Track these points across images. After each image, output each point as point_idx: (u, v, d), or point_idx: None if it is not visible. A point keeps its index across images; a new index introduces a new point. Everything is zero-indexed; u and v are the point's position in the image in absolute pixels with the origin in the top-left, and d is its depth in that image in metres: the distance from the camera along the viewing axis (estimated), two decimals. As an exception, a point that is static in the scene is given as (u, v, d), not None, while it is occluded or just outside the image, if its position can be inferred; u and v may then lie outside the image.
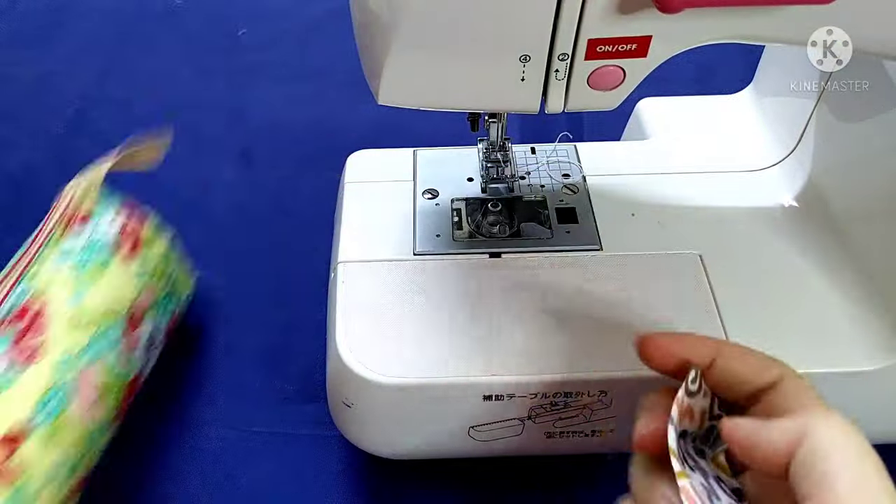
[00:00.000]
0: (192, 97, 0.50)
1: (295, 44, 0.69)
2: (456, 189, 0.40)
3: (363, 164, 0.42)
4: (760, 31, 0.26)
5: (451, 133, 0.58)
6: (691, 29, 0.26)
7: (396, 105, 0.28)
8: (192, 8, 0.73)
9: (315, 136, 0.60)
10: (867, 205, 0.36)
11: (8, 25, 0.71)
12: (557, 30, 0.25)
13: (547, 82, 0.27)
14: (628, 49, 0.26)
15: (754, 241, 0.38)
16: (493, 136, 0.38)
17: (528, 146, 0.43)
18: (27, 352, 0.32)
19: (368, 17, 0.27)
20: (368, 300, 0.35)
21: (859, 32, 0.26)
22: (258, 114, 0.62)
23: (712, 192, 0.41)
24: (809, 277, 0.36)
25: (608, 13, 0.24)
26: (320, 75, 0.65)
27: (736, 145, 0.44)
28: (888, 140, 0.34)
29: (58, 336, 0.33)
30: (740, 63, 0.64)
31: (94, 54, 0.68)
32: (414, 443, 0.36)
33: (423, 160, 0.42)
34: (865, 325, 0.34)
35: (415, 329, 0.34)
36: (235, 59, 0.68)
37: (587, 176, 0.41)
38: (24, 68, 0.67)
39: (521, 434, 0.35)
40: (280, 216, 0.54)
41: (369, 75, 0.29)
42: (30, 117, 0.62)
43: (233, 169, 0.56)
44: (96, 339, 0.35)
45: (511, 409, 0.33)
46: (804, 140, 0.40)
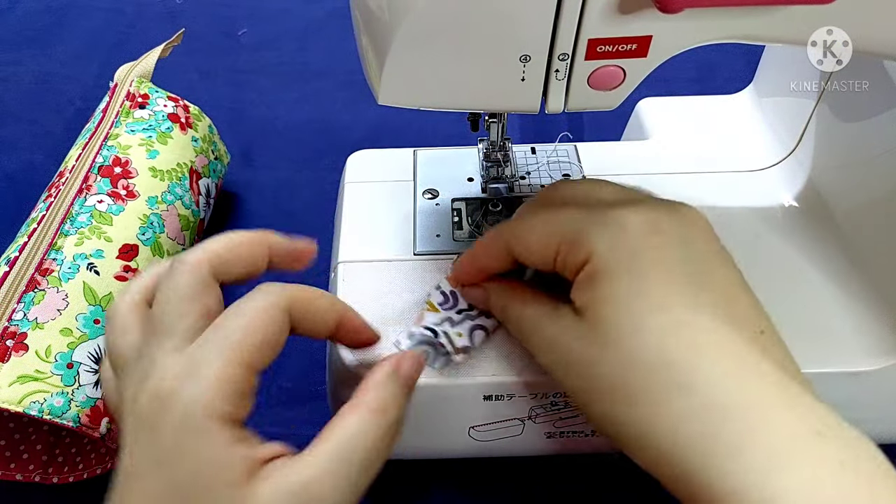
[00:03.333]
0: (192, 97, 0.50)
1: (295, 44, 0.69)
2: (456, 189, 0.40)
3: (363, 164, 0.42)
4: (760, 31, 0.26)
5: (451, 133, 0.58)
6: (691, 29, 0.26)
7: (396, 105, 0.28)
8: (192, 8, 0.73)
9: (315, 136, 0.60)
10: (867, 205, 0.36)
11: (8, 26, 0.71)
12: (557, 30, 0.25)
13: (547, 82, 0.27)
14: (628, 49, 0.26)
15: (754, 241, 0.38)
16: (493, 136, 0.38)
17: (528, 146, 0.43)
18: (124, 191, 0.42)
19: (368, 17, 0.27)
20: (368, 300, 0.35)
21: (859, 32, 0.26)
22: (258, 114, 0.62)
23: (712, 192, 0.41)
24: (809, 277, 0.36)
25: (608, 13, 0.24)
26: (320, 75, 0.66)
27: (736, 145, 0.44)
28: (888, 140, 0.34)
29: (143, 182, 0.43)
30: (740, 63, 0.65)
31: (94, 54, 0.68)
32: (414, 443, 0.36)
33: (423, 160, 0.42)
34: (865, 325, 0.34)
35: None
36: (235, 59, 0.68)
37: (587, 176, 0.41)
38: (24, 68, 0.67)
39: (521, 434, 0.35)
40: (280, 216, 0.54)
41: (369, 75, 0.29)
42: (30, 117, 0.62)
43: (233, 169, 0.56)
44: (172, 186, 0.44)
45: (511, 409, 0.33)
46: (804, 140, 0.40)
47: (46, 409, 0.32)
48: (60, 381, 0.33)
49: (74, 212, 0.40)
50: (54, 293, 0.36)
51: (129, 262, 0.39)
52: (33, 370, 0.33)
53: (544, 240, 0.27)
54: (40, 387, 0.33)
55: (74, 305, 0.36)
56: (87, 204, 0.40)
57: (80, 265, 0.37)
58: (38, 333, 0.34)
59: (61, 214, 0.39)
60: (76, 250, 0.38)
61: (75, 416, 0.33)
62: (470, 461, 0.40)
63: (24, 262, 0.37)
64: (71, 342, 0.35)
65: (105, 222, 0.40)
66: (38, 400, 0.32)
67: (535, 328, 0.28)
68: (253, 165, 0.58)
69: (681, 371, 0.22)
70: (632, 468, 0.28)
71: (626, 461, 0.27)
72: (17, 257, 0.37)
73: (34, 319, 0.35)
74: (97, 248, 0.38)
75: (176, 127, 0.47)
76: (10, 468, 0.37)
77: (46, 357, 0.34)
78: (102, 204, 0.40)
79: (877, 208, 0.36)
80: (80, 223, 0.39)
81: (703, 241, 0.26)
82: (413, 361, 0.27)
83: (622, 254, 0.25)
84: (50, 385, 0.33)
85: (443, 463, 0.39)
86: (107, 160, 0.43)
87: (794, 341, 0.34)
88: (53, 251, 0.38)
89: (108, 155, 0.43)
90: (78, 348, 0.35)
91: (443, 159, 0.42)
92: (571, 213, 0.27)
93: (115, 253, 0.39)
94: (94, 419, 0.34)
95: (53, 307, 0.35)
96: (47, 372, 0.33)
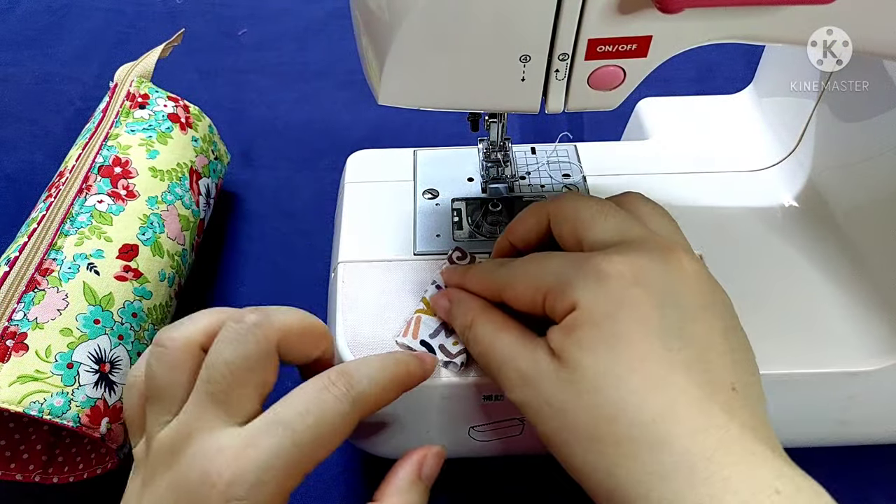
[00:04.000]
0: (192, 97, 0.50)
1: (295, 44, 0.69)
2: (456, 189, 0.40)
3: (363, 164, 0.42)
4: (760, 31, 0.26)
5: (451, 133, 0.58)
6: (691, 29, 0.26)
7: (396, 105, 0.28)
8: (192, 8, 0.73)
9: (315, 136, 0.60)
10: (867, 205, 0.36)
11: (8, 26, 0.71)
12: (557, 30, 0.25)
13: (547, 82, 0.27)
14: (628, 49, 0.26)
15: (754, 241, 0.38)
16: (493, 136, 0.38)
17: (528, 146, 0.43)
18: (124, 191, 0.42)
19: (368, 17, 0.27)
20: (368, 300, 0.35)
21: (859, 32, 0.26)
22: (258, 114, 0.62)
23: (712, 192, 0.41)
24: (809, 277, 0.36)
25: (608, 13, 0.24)
26: (320, 75, 0.66)
27: (736, 145, 0.44)
28: (888, 140, 0.34)
29: (143, 182, 0.43)
30: (740, 63, 0.65)
31: (94, 54, 0.68)
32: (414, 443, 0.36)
33: (423, 160, 0.42)
34: (865, 325, 0.34)
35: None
36: (235, 59, 0.68)
37: (587, 176, 0.41)
38: (24, 68, 0.67)
39: (521, 434, 0.35)
40: (280, 216, 0.54)
41: (369, 75, 0.29)
42: (30, 117, 0.62)
43: (233, 169, 0.56)
44: (172, 186, 0.44)
45: (511, 409, 0.33)
46: (804, 140, 0.40)
47: (46, 409, 0.32)
48: (60, 381, 0.33)
49: (74, 212, 0.40)
50: (54, 293, 0.36)
51: (129, 262, 0.39)
52: (33, 370, 0.33)
53: (531, 291, 0.27)
54: (40, 387, 0.33)
55: (74, 305, 0.36)
56: (87, 204, 0.40)
57: (80, 265, 0.37)
58: (38, 333, 0.34)
59: (61, 214, 0.39)
60: (76, 250, 0.38)
61: (75, 416, 0.33)
62: (470, 461, 0.40)
63: (24, 262, 0.37)
64: (71, 342, 0.35)
65: (105, 222, 0.40)
66: (38, 400, 0.32)
67: (509, 359, 0.27)
68: (253, 165, 0.58)
69: (657, 431, 0.23)
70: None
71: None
72: (17, 257, 0.37)
73: (34, 319, 0.35)
74: (97, 248, 0.38)
75: (176, 127, 0.47)
76: (10, 468, 0.36)
77: (46, 357, 0.34)
78: (102, 204, 0.40)
79: (877, 208, 0.36)
80: (80, 223, 0.39)
81: (688, 292, 0.25)
82: (436, 459, 0.28)
83: (605, 306, 0.25)
84: (50, 385, 0.33)
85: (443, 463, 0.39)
86: (107, 160, 0.43)
87: (794, 341, 0.34)
88: (53, 251, 0.38)
89: (108, 155, 0.43)
90: (78, 348, 0.35)
91: (443, 159, 0.42)
92: (559, 263, 0.27)
93: (115, 253, 0.39)
94: (94, 419, 0.34)
95: (53, 307, 0.35)
96: (47, 372, 0.33)
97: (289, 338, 0.26)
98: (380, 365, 0.27)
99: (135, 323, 0.38)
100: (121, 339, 0.37)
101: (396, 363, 0.28)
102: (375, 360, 0.27)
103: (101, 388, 0.35)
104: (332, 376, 0.25)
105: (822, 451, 0.38)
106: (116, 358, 0.36)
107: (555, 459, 0.26)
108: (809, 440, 0.37)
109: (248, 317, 0.26)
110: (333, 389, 0.25)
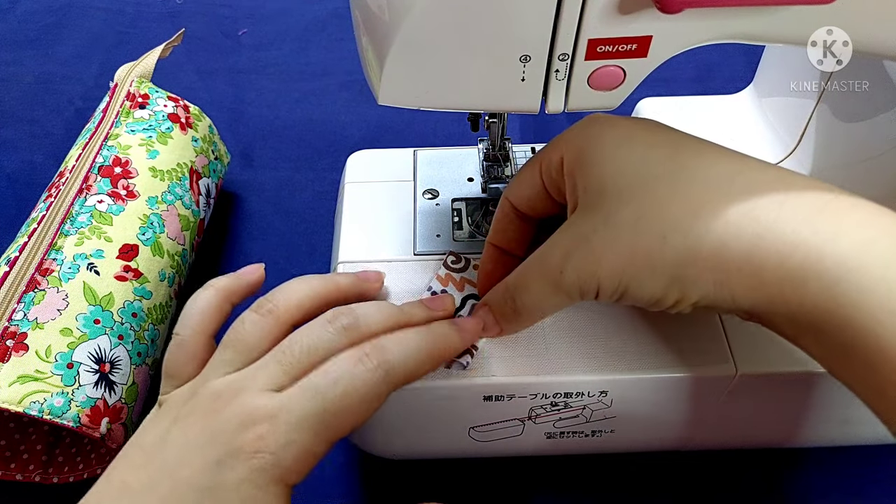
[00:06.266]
0: (192, 97, 0.50)
1: (295, 44, 0.69)
2: (456, 189, 0.40)
3: (363, 164, 0.42)
4: (760, 31, 0.26)
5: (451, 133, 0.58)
6: (691, 29, 0.26)
7: (396, 105, 0.28)
8: (192, 8, 0.73)
9: (315, 136, 0.60)
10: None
11: (8, 26, 0.71)
12: (557, 30, 0.25)
13: (547, 82, 0.27)
14: (628, 49, 0.26)
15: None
16: (493, 136, 0.38)
17: (528, 146, 0.43)
18: (125, 191, 0.42)
19: (368, 17, 0.27)
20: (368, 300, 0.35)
21: (859, 32, 0.26)
22: (258, 114, 0.62)
23: (712, 192, 0.40)
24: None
25: (608, 13, 0.24)
26: (320, 75, 0.65)
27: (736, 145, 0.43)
28: (888, 140, 0.34)
29: (144, 182, 0.43)
30: (740, 63, 0.65)
31: (94, 54, 0.68)
32: (414, 443, 0.36)
33: (423, 160, 0.42)
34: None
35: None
36: (235, 59, 0.68)
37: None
38: (24, 68, 0.67)
39: (521, 434, 0.35)
40: (280, 216, 0.54)
41: (369, 75, 0.29)
42: (30, 117, 0.62)
43: (233, 169, 0.56)
44: (172, 186, 0.44)
45: (511, 409, 0.33)
46: (804, 140, 0.40)
47: (46, 409, 0.33)
48: (60, 381, 0.33)
49: (74, 212, 0.40)
50: (54, 293, 0.36)
51: (129, 262, 0.39)
52: (33, 370, 0.33)
53: (529, 177, 0.30)
54: (40, 387, 0.33)
55: (74, 305, 0.36)
56: (88, 204, 0.40)
57: (80, 265, 0.37)
58: (38, 333, 0.34)
59: (61, 214, 0.39)
60: (76, 250, 0.38)
61: (75, 416, 0.33)
62: (470, 461, 0.40)
63: (24, 262, 0.37)
64: (71, 342, 0.35)
65: (105, 222, 0.40)
66: (38, 400, 0.33)
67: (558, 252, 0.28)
68: (253, 165, 0.58)
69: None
70: (631, 468, 0.28)
71: (625, 462, 0.27)
72: (18, 257, 0.37)
73: (34, 319, 0.35)
74: (97, 248, 0.38)
75: (176, 127, 0.47)
76: (10, 468, 0.37)
77: (46, 357, 0.34)
78: (102, 204, 0.40)
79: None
80: (80, 223, 0.39)
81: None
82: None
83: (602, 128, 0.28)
84: (50, 385, 0.33)
85: (443, 463, 0.39)
86: (107, 160, 0.43)
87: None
88: (53, 251, 0.38)
89: (109, 155, 0.43)
90: (78, 348, 0.35)
91: (443, 159, 0.42)
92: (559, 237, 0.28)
93: (115, 253, 0.39)
94: (94, 419, 0.34)
95: (53, 307, 0.35)
96: (47, 372, 0.33)
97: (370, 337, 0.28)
98: (415, 339, 0.28)
99: (135, 323, 0.38)
100: (121, 338, 0.37)
101: (434, 337, 0.29)
102: (412, 336, 0.28)
103: (101, 388, 0.35)
104: (367, 349, 0.27)
105: (822, 451, 0.38)
106: (116, 358, 0.36)
107: (555, 459, 0.26)
108: (810, 440, 0.37)
109: (341, 318, 0.28)
110: (367, 361, 0.26)
